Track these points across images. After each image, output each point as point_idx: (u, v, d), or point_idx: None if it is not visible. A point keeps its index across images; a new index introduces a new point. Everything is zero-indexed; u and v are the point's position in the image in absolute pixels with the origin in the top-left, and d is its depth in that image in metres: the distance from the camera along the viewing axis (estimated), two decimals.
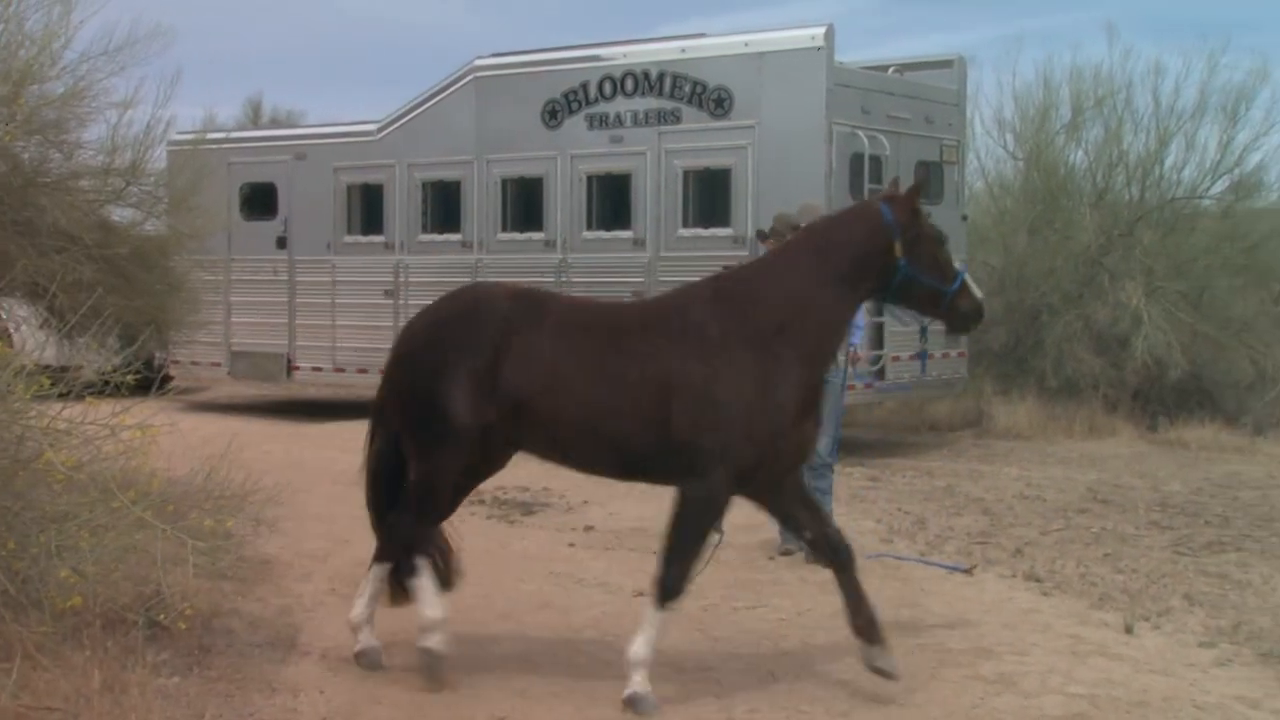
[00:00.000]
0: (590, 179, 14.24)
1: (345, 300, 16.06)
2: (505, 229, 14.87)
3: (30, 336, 9.54)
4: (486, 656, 6.37)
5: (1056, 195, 18.06)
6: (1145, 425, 15.44)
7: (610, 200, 14.22)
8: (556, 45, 14.77)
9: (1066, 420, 15.15)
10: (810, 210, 8.72)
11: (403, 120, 15.64)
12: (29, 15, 8.52)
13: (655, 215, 13.70)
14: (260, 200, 16.92)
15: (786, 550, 8.67)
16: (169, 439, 6.09)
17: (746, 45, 13.30)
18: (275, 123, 30.97)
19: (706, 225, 13.49)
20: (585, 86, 14.10)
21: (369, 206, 16.07)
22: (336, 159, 16.17)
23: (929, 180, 6.26)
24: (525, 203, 14.79)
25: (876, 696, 5.78)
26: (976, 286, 6.25)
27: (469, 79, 15.07)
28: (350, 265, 16.04)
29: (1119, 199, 17.95)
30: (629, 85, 13.82)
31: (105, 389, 5.97)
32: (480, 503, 10.49)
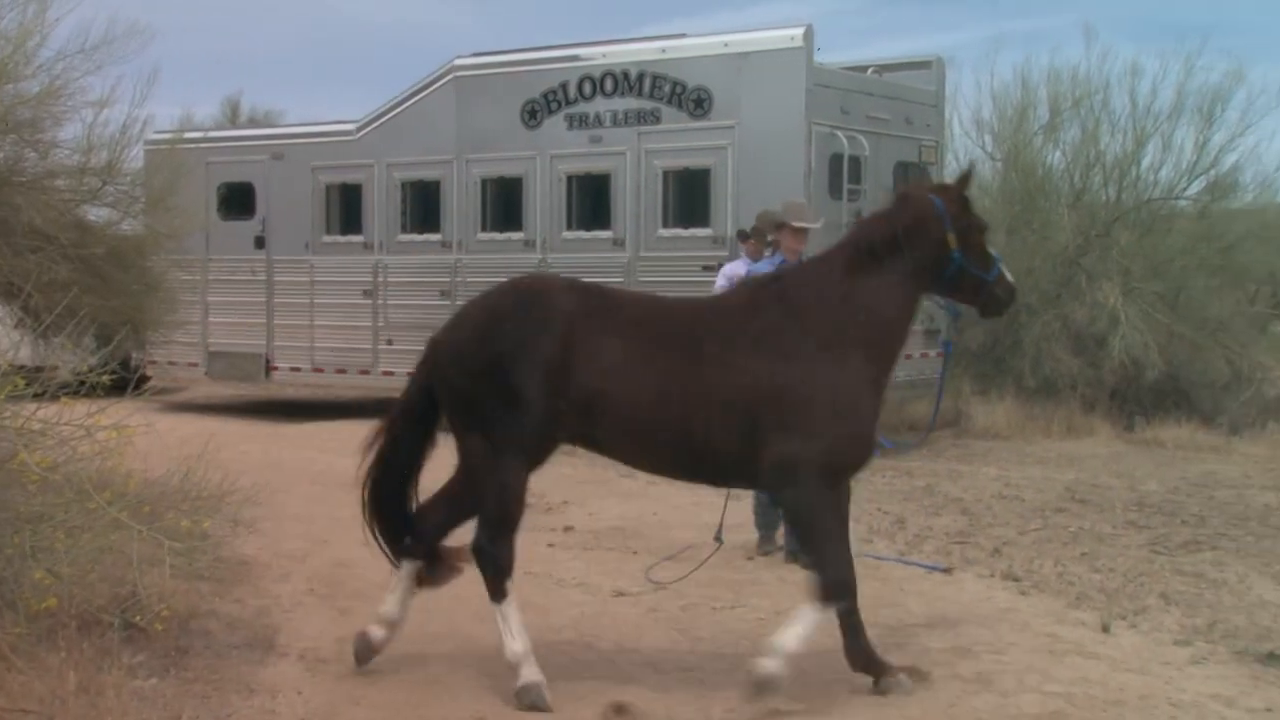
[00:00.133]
0: (570, 179, 14.23)
1: (324, 300, 16.00)
2: (485, 229, 14.85)
3: (5, 336, 9.47)
4: (465, 657, 6.36)
5: (1034, 196, 18.13)
6: (1122, 425, 15.51)
7: (590, 200, 14.21)
8: (536, 45, 14.76)
9: (1044, 420, 15.21)
10: (795, 207, 8.64)
11: (382, 120, 15.60)
12: (3, 13, 8.49)
13: (635, 215, 13.70)
14: (238, 200, 16.85)
15: (765, 551, 8.69)
16: (145, 439, 6.05)
17: (726, 46, 13.31)
18: (253, 122, 30.86)
19: (686, 225, 13.49)
20: (565, 86, 14.09)
21: (348, 206, 16.03)
22: (315, 159, 16.12)
23: (974, 173, 6.21)
24: (505, 203, 14.77)
25: (855, 695, 5.79)
26: (1008, 270, 6.20)
27: (448, 79, 15.04)
28: (329, 265, 15.99)
29: (1096, 199, 18.03)
30: (609, 85, 13.82)
31: (81, 389, 5.93)
32: None
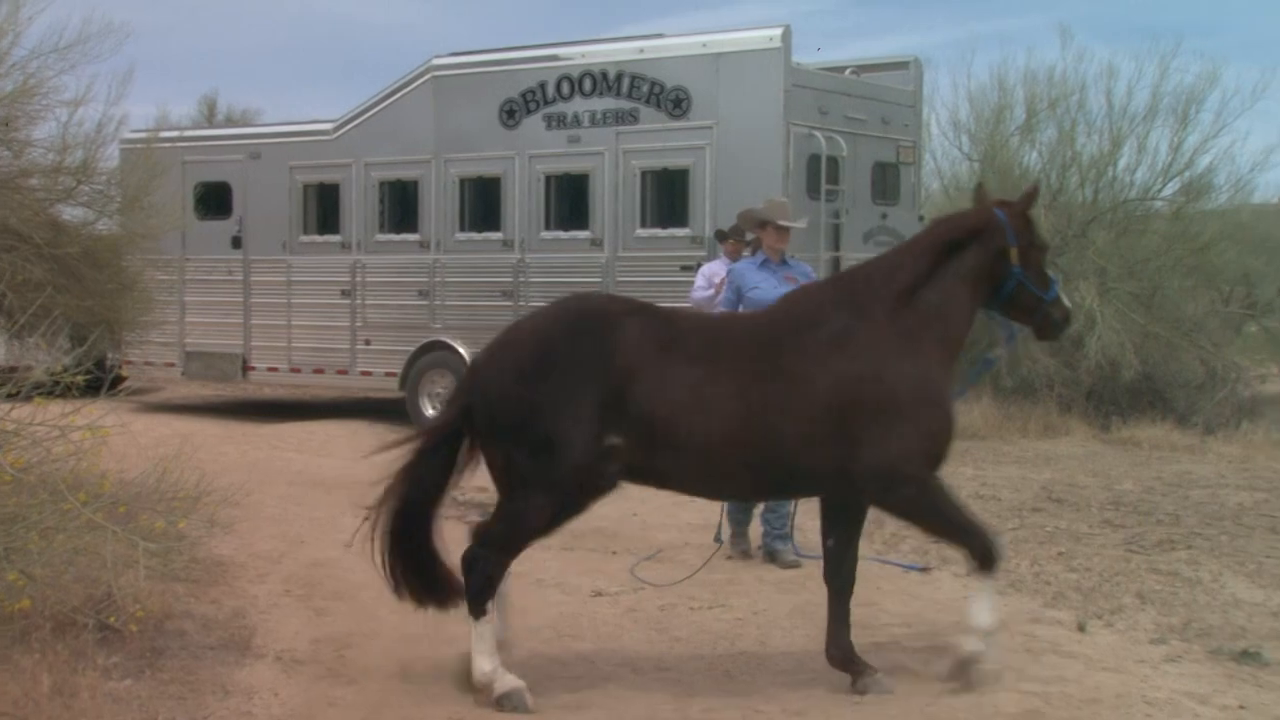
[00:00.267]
0: (548, 179, 14.21)
1: (301, 300, 15.94)
2: (463, 229, 14.82)
3: None
4: (442, 658, 6.34)
5: (1011, 196, 18.20)
6: (1099, 425, 15.60)
7: (568, 200, 14.20)
8: (514, 45, 14.74)
9: (1021, 420, 15.28)
10: (778, 206, 8.61)
11: (359, 119, 15.55)
12: None
13: (613, 215, 13.70)
14: (215, 200, 16.76)
15: (741, 550, 8.68)
16: (121, 440, 6.03)
17: (704, 46, 13.32)
18: (230, 121, 30.74)
19: (664, 225, 13.50)
20: (543, 86, 14.07)
21: (325, 206, 15.96)
22: (292, 158, 16.05)
23: (1039, 190, 6.29)
24: (483, 203, 14.74)
25: (832, 695, 5.81)
26: (1065, 295, 6.28)
27: (426, 78, 15.00)
28: (306, 265, 15.92)
29: (1073, 200, 18.13)
30: (587, 85, 13.81)
31: (55, 389, 5.89)
32: None
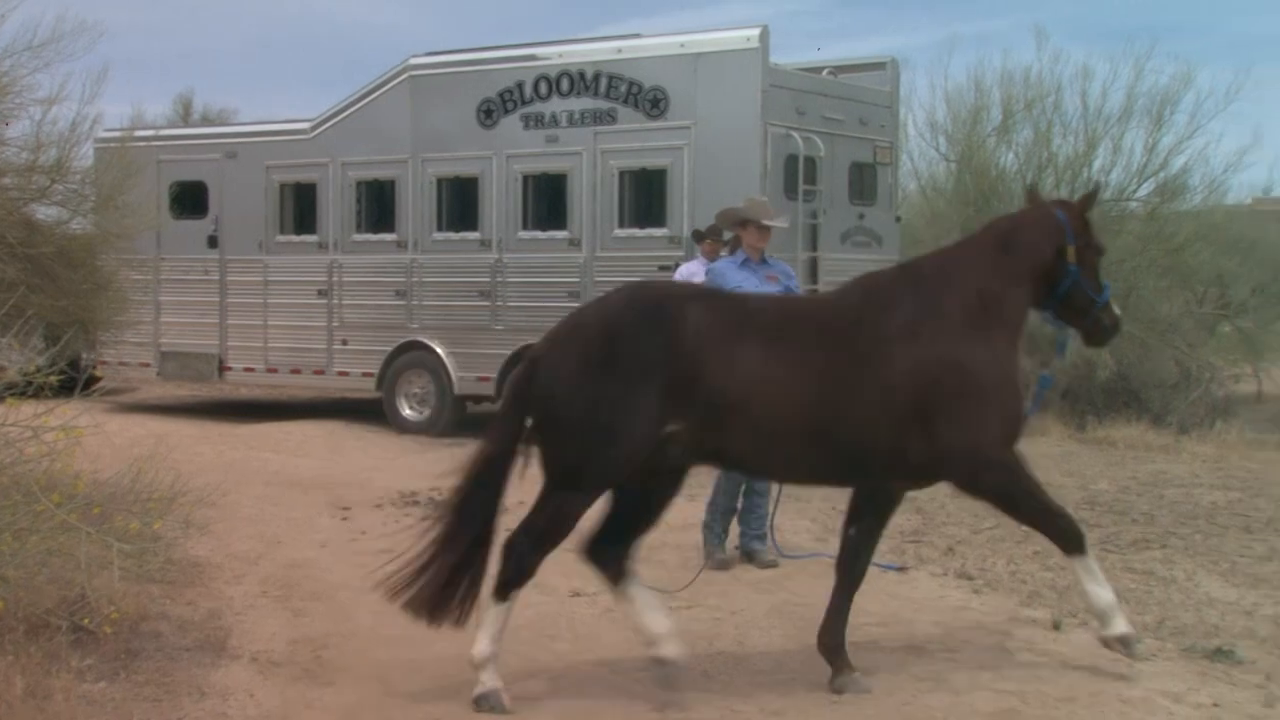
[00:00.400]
0: (526, 179, 14.19)
1: (278, 300, 15.88)
2: (440, 229, 14.78)
3: None
4: (419, 659, 6.32)
5: (988, 197, 18.29)
6: (1074, 425, 15.67)
7: (546, 200, 14.18)
8: (492, 45, 14.71)
9: None
10: (760, 205, 8.60)
11: (336, 119, 15.49)
12: None
13: (591, 215, 13.69)
14: (190, 199, 16.68)
15: (718, 559, 8.52)
16: (96, 441, 5.99)
17: (682, 46, 13.32)
18: (206, 120, 30.58)
19: (642, 225, 13.50)
20: (521, 86, 14.05)
21: (302, 206, 15.90)
22: (269, 157, 15.99)
23: (1099, 192, 6.48)
24: (460, 202, 14.71)
25: (810, 694, 5.81)
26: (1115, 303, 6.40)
27: (404, 78, 14.96)
28: (283, 265, 15.86)
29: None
30: (564, 85, 13.80)
31: (28, 390, 5.86)
32: (415, 503, 10.43)
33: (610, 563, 5.92)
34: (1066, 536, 5.86)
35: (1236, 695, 5.88)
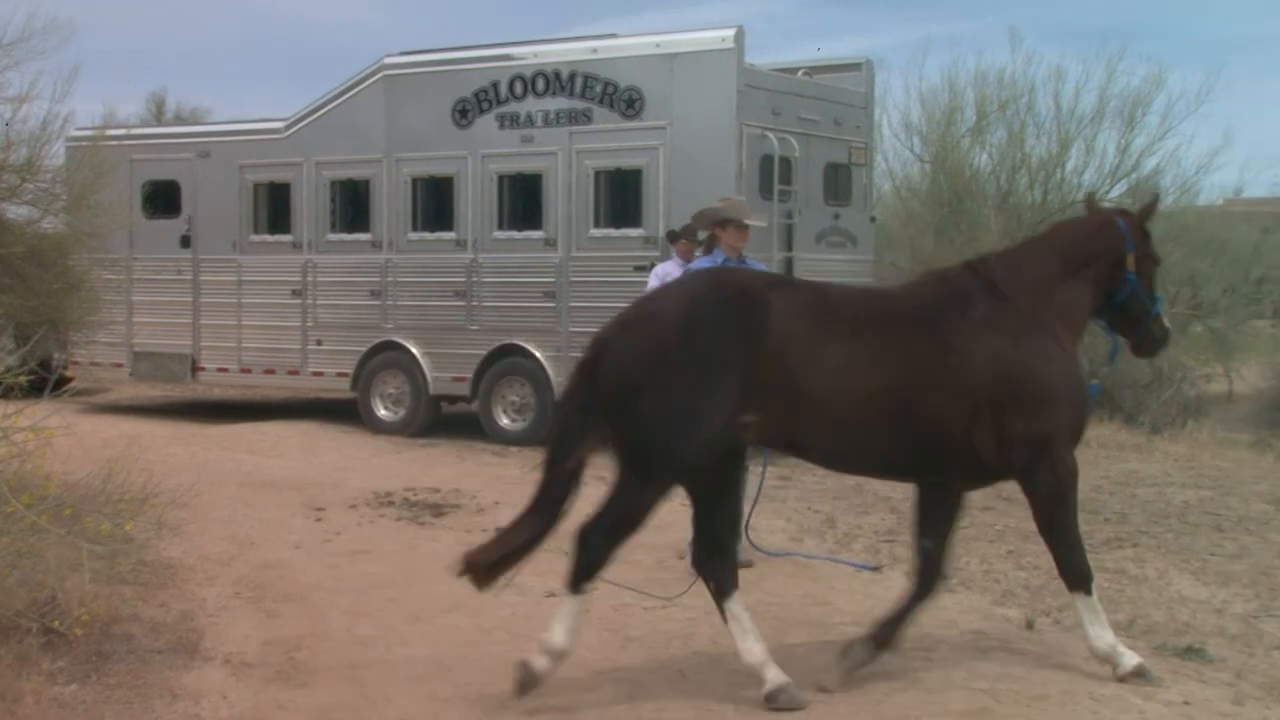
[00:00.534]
0: (501, 179, 14.16)
1: (252, 300, 15.79)
2: (415, 229, 14.74)
3: None
4: (395, 659, 6.31)
5: (962, 197, 18.39)
6: None
7: (521, 200, 14.16)
8: (467, 44, 14.68)
9: None
10: (739, 205, 8.57)
11: (311, 118, 15.43)
12: None
13: (566, 215, 13.68)
14: (163, 198, 16.58)
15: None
16: (66, 441, 5.96)
17: (658, 46, 13.33)
18: (179, 119, 30.44)
19: (618, 225, 13.49)
20: (496, 86, 14.03)
21: (276, 205, 15.82)
22: (242, 157, 15.91)
23: (1159, 202, 6.65)
24: (435, 202, 14.67)
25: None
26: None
27: (378, 77, 14.91)
28: (257, 265, 15.78)
29: (1022, 201, 18.33)
30: (540, 85, 13.78)
31: None
32: (390, 504, 10.41)
33: (719, 574, 5.84)
34: (1078, 572, 5.97)
35: (1207, 693, 5.93)
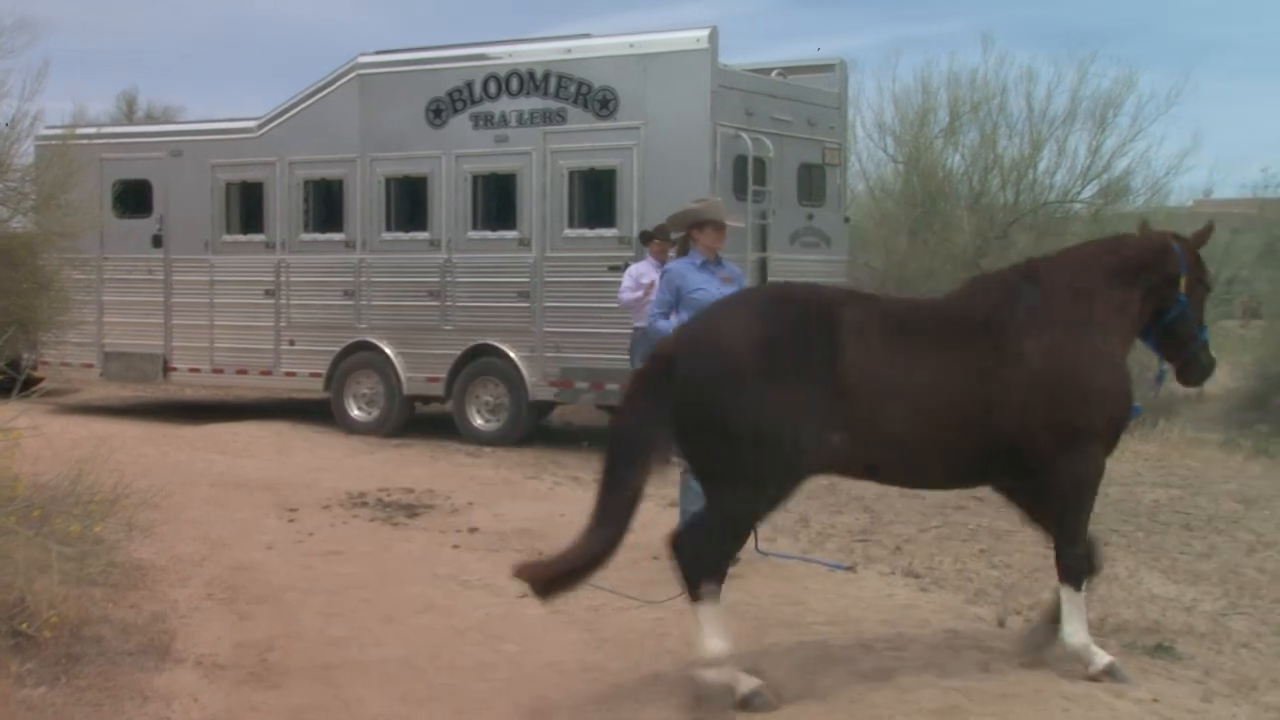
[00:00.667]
0: (475, 178, 14.14)
1: (224, 300, 15.71)
2: (389, 228, 14.69)
3: None
4: (368, 660, 6.29)
5: (935, 198, 18.47)
6: None
7: (495, 200, 14.13)
8: (441, 44, 14.64)
9: None
10: (717, 206, 8.53)
11: (284, 117, 15.36)
12: None
13: (541, 215, 13.66)
14: (134, 198, 16.47)
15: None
16: (35, 442, 5.92)
17: (631, 46, 13.33)
18: (150, 118, 30.24)
19: (592, 226, 13.48)
20: (470, 85, 14.00)
21: (249, 205, 15.74)
22: (215, 156, 15.82)
23: (1213, 229, 6.77)
24: (409, 202, 14.63)
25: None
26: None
27: (352, 76, 14.86)
28: (229, 264, 15.70)
29: (995, 202, 18.42)
30: (514, 85, 13.76)
31: None
32: (364, 504, 10.38)
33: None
34: (1074, 567, 6.06)
35: (1176, 690, 5.98)
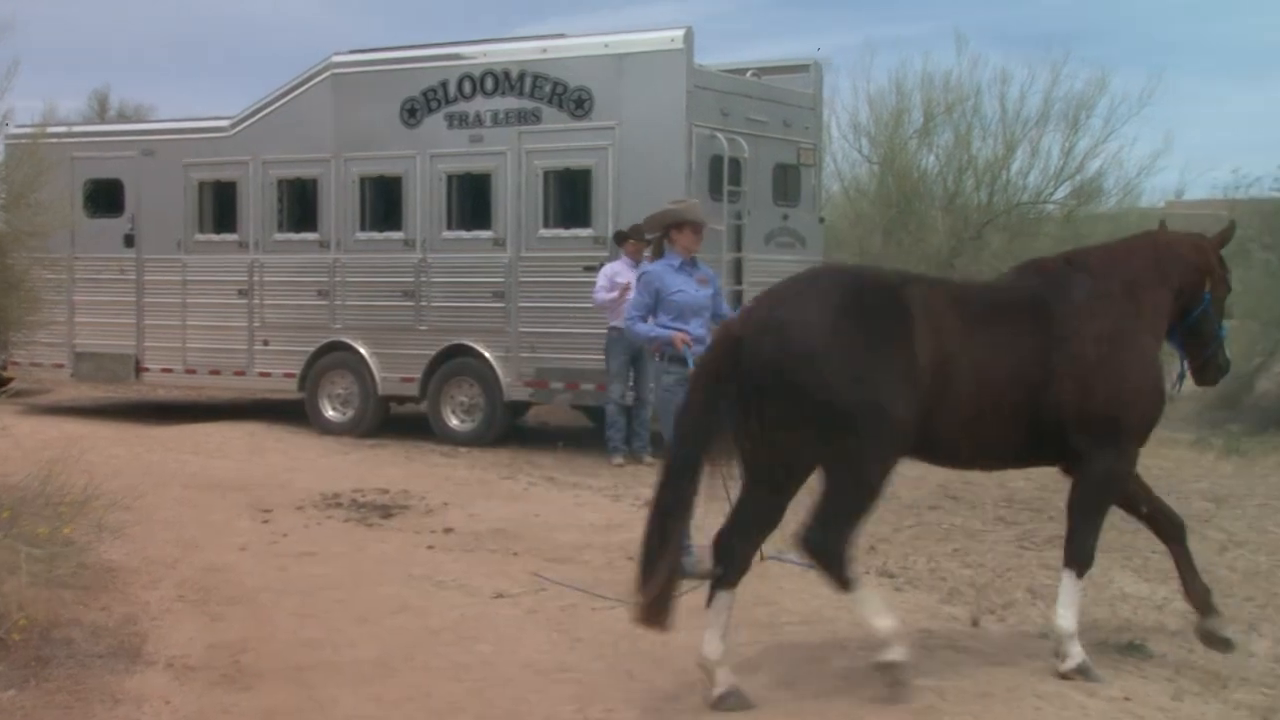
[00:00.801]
0: (450, 178, 14.10)
1: (197, 300, 15.61)
2: (364, 228, 14.64)
3: None
4: (342, 661, 6.27)
5: (910, 198, 18.53)
6: None
7: (470, 200, 14.10)
8: (416, 43, 14.60)
9: None
10: (694, 206, 8.51)
11: (257, 116, 15.28)
12: None
13: (516, 215, 13.64)
14: (106, 197, 16.36)
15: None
16: (4, 443, 5.89)
17: (607, 46, 13.32)
18: (123, 117, 30.02)
19: (567, 226, 13.46)
20: (445, 85, 13.97)
21: (222, 204, 15.65)
22: (187, 155, 15.72)
23: (1235, 228, 6.92)
24: (384, 202, 14.58)
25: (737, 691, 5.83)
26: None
27: (326, 75, 14.79)
28: (202, 264, 15.61)
29: (969, 203, 18.51)
30: (489, 84, 13.73)
31: None
32: (338, 505, 10.34)
33: (733, 560, 5.96)
34: (1083, 554, 6.15)
35: (1147, 689, 6.01)
